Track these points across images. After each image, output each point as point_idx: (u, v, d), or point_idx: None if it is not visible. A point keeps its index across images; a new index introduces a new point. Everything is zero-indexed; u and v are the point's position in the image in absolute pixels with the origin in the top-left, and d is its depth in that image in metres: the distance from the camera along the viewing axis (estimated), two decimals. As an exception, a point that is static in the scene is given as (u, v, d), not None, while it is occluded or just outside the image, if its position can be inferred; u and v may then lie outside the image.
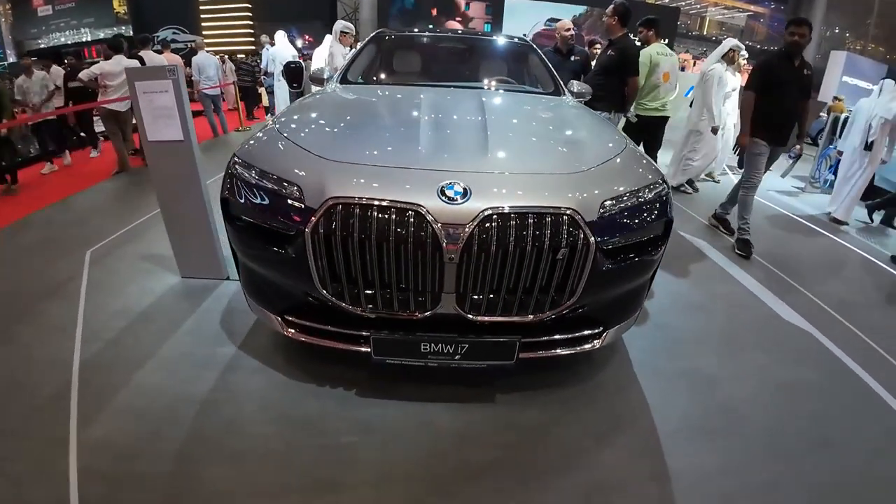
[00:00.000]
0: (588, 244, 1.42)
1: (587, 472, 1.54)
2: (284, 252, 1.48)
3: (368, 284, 1.46)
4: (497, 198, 1.40)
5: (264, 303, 1.73)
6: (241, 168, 1.62)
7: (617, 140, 1.94)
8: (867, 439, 1.79)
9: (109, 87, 4.38)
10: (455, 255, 1.36)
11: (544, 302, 1.51)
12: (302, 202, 1.43)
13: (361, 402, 1.75)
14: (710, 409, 1.86)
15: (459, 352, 1.56)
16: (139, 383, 1.81)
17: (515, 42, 3.29)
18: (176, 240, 2.49)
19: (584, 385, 1.91)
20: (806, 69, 3.14)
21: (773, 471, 1.59)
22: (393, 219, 1.36)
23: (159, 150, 2.26)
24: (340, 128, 1.82)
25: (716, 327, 2.44)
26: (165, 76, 2.10)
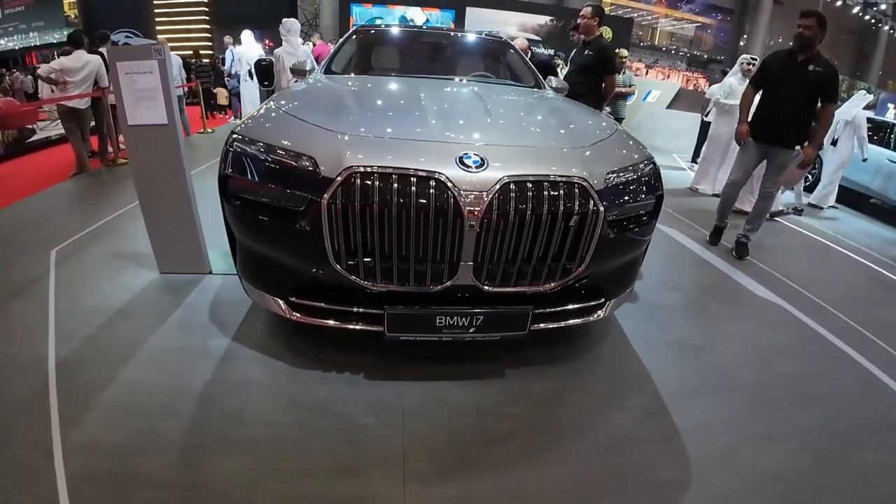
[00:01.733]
0: (597, 212, 1.48)
1: (602, 432, 1.59)
2: (295, 227, 1.43)
3: (385, 257, 1.44)
4: (512, 167, 1.43)
5: (266, 286, 1.66)
6: (242, 144, 1.55)
7: (607, 122, 2.05)
8: (845, 391, 1.96)
9: (69, 83, 4.08)
10: (475, 222, 1.36)
11: (556, 270, 1.55)
12: (317, 173, 1.39)
13: (373, 384, 1.71)
14: (703, 372, 1.99)
15: (475, 324, 1.56)
16: (127, 379, 1.67)
17: (493, 39, 3.37)
18: (155, 232, 2.34)
19: (586, 357, 1.98)
20: (813, 66, 2.78)
21: (768, 422, 1.72)
22: (413, 187, 1.35)
23: (140, 135, 2.13)
24: (343, 106, 1.79)
25: (694, 303, 2.61)
26: (151, 55, 1.99)
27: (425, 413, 1.60)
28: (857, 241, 4.00)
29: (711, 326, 2.36)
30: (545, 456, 1.47)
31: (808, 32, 2.79)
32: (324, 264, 1.45)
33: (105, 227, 3.08)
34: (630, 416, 1.68)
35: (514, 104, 2.21)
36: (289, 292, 1.60)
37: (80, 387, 1.63)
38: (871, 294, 3.02)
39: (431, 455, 1.44)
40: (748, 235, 3.26)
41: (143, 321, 2.02)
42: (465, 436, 1.52)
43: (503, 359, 1.88)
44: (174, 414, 1.52)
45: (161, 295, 2.24)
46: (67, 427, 1.46)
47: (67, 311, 2.09)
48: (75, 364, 1.75)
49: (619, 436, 1.58)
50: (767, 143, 3.04)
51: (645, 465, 1.47)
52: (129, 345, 1.85)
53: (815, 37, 2.80)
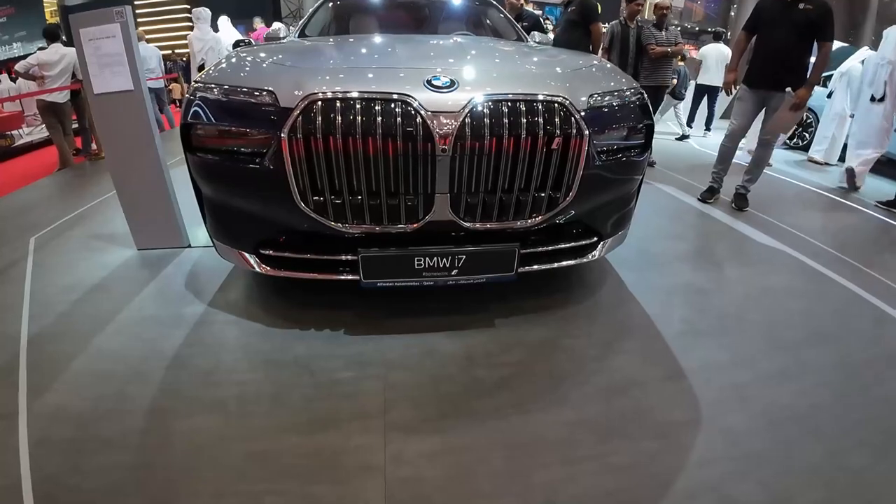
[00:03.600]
0: (581, 134, 1.36)
1: (604, 376, 1.48)
2: (257, 167, 1.33)
3: (353, 192, 1.33)
4: (486, 87, 1.32)
5: (234, 241, 1.57)
6: (202, 91, 1.45)
7: (591, 57, 1.93)
8: (858, 328, 1.84)
9: (48, 77, 4.00)
10: (448, 147, 1.26)
11: (541, 202, 1.44)
12: (276, 105, 1.29)
13: (353, 339, 1.61)
14: (708, 314, 1.88)
15: (456, 265, 1.46)
16: (98, 348, 1.60)
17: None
18: (130, 207, 2.26)
19: (584, 304, 1.88)
20: (803, 4, 2.66)
21: (780, 361, 1.60)
22: (379, 112, 1.24)
23: (107, 104, 2.04)
24: (307, 50, 1.69)
25: (697, 250, 2.50)
26: (113, 19, 1.90)
27: (409, 364, 1.50)
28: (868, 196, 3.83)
29: (715, 271, 2.25)
30: (541, 402, 1.37)
31: None
32: (290, 207, 1.34)
33: (84, 214, 3.01)
34: (633, 358, 1.57)
35: (490, 45, 2.10)
36: (258, 245, 1.51)
37: (49, 358, 1.57)
38: (878, 241, 2.88)
39: (415, 406, 1.34)
40: (747, 186, 3.13)
41: (117, 294, 1.95)
42: (453, 386, 1.42)
43: (492, 308, 1.78)
44: (142, 378, 1.44)
45: (137, 270, 2.17)
46: (34, 397, 1.39)
47: (42, 290, 2.02)
48: (47, 338, 1.69)
49: (621, 378, 1.47)
50: (763, 89, 2.90)
51: (652, 407, 1.37)
52: (101, 317, 1.78)
53: None
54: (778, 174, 4.29)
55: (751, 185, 3.13)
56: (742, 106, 3.04)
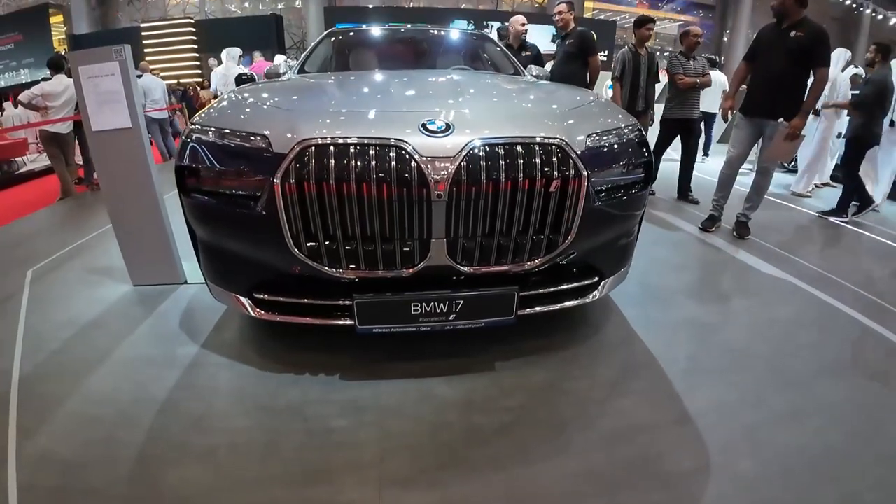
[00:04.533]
0: (580, 175, 1.36)
1: (609, 421, 1.43)
2: (251, 212, 1.32)
3: (348, 239, 1.32)
4: (481, 130, 1.32)
5: (228, 284, 1.55)
6: (197, 133, 1.46)
7: (588, 94, 1.95)
8: (867, 361, 1.80)
9: (51, 108, 4.07)
10: (443, 192, 1.25)
11: (540, 245, 1.42)
12: (269, 150, 1.29)
13: (348, 384, 1.57)
14: (714, 350, 1.84)
15: (454, 310, 1.43)
16: (89, 390, 1.57)
17: (470, 33, 3.33)
18: (126, 243, 2.25)
19: (586, 344, 1.83)
20: (795, 32, 2.67)
21: (790, 399, 1.56)
22: (373, 157, 1.24)
23: (105, 141, 2.06)
24: (305, 91, 1.71)
25: (699, 282, 2.47)
26: (111, 57, 1.93)
27: (407, 411, 1.46)
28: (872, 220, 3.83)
29: (719, 304, 2.22)
30: (543, 450, 1.32)
31: (775, 2, 2.76)
32: (284, 252, 1.33)
33: (83, 246, 3.01)
34: (638, 401, 1.52)
35: (490, 81, 2.12)
36: (252, 288, 1.49)
37: (40, 398, 1.54)
38: (881, 266, 2.86)
39: (413, 456, 1.29)
40: (748, 214, 3.13)
41: (111, 332, 1.92)
42: (452, 433, 1.38)
43: (493, 351, 1.74)
44: (131, 423, 1.40)
45: (132, 306, 2.14)
46: (23, 439, 1.36)
47: (36, 325, 2.00)
48: (39, 376, 1.66)
49: (626, 424, 1.42)
50: (759, 117, 2.91)
51: (658, 455, 1.31)
52: (94, 356, 1.75)
53: (784, 4, 2.71)
54: (777, 198, 4.29)
55: (751, 212, 3.13)
56: (739, 134, 3.07)
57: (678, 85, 3.77)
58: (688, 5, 18.08)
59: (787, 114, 2.76)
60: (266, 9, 15.64)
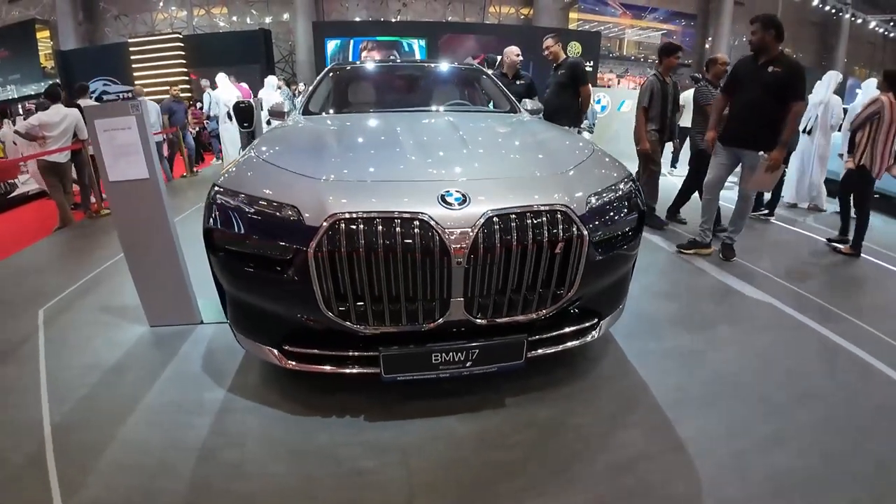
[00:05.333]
0: (582, 236, 1.50)
1: (610, 453, 1.58)
2: (283, 277, 1.43)
3: (375, 300, 1.45)
4: (494, 200, 1.45)
5: (258, 336, 1.65)
6: (224, 196, 1.57)
7: (583, 143, 2.10)
8: (844, 383, 2.00)
9: (49, 137, 4.09)
10: (462, 258, 1.38)
11: (546, 297, 1.57)
12: (301, 222, 1.41)
13: (372, 426, 1.69)
14: (702, 379, 2.00)
15: (470, 358, 1.57)
16: (124, 438, 1.64)
17: (465, 68, 3.48)
18: (143, 286, 2.32)
19: (586, 378, 1.98)
20: (773, 67, 2.82)
21: (774, 425, 1.73)
22: (398, 229, 1.36)
23: (122, 191, 2.14)
24: (322, 150, 1.82)
25: (688, 309, 2.63)
26: (128, 112, 2.01)
27: (428, 450, 1.58)
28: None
29: (706, 331, 2.38)
30: (555, 483, 1.46)
31: (755, 38, 2.88)
32: (315, 311, 1.45)
33: (92, 282, 3.05)
34: (636, 433, 1.68)
35: (490, 131, 2.26)
36: (282, 340, 1.60)
37: (78, 448, 1.60)
38: (859, 283, 3.08)
39: (437, 494, 1.42)
40: (732, 237, 3.31)
41: (136, 377, 1.99)
42: (470, 471, 1.51)
43: (503, 388, 1.87)
44: (171, 471, 1.49)
45: (152, 349, 2.21)
46: (68, 492, 1.43)
47: (59, 371, 2.06)
48: (71, 425, 1.72)
49: (627, 455, 1.57)
50: (737, 147, 3.08)
51: (657, 482, 1.47)
52: (123, 402, 1.82)
53: (763, 40, 2.84)
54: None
55: (735, 235, 3.30)
56: (717, 160, 3.24)
57: (706, 111, 3.59)
58: (670, 15, 18.62)
59: (765, 145, 2.91)
60: (254, 23, 15.60)
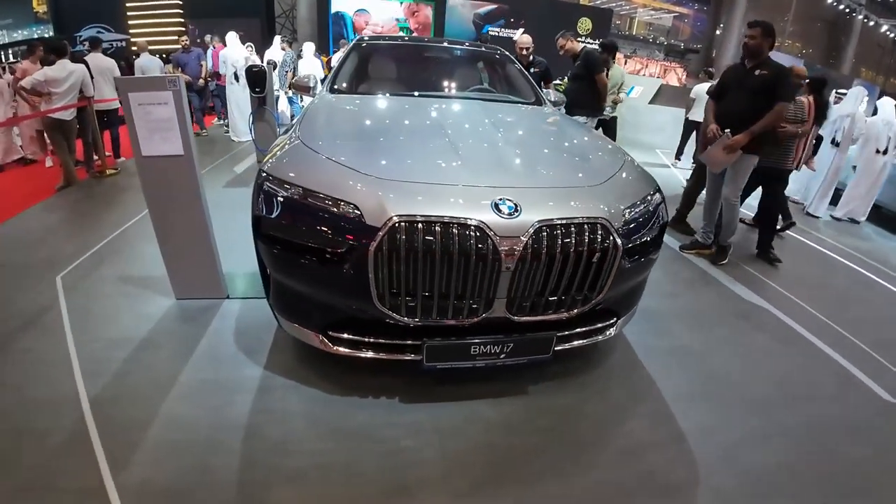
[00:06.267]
0: (617, 247, 1.59)
1: (621, 440, 1.74)
2: (338, 270, 1.49)
3: (426, 297, 1.52)
4: (542, 210, 1.53)
5: (303, 321, 1.72)
6: (276, 186, 1.59)
7: (615, 151, 2.16)
8: (824, 387, 2.18)
9: (55, 94, 3.91)
10: (511, 264, 1.46)
11: (577, 299, 1.67)
12: (362, 221, 1.45)
13: (408, 407, 1.80)
14: (699, 376, 2.17)
15: (505, 350, 1.67)
16: (167, 415, 1.71)
17: (492, 52, 3.42)
18: (171, 260, 2.34)
19: (599, 369, 2.12)
20: (759, 71, 2.90)
21: (760, 422, 1.91)
22: (455, 234, 1.43)
23: (155, 166, 2.12)
24: (370, 142, 1.84)
25: (689, 308, 2.78)
26: (165, 87, 1.97)
27: (459, 432, 1.71)
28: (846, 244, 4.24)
29: (704, 332, 2.53)
30: (574, 466, 1.61)
31: (752, 42, 2.90)
32: (367, 304, 1.52)
33: (108, 249, 3.03)
34: (642, 423, 1.83)
35: (526, 131, 2.29)
36: (328, 326, 1.67)
37: (121, 425, 1.65)
38: (849, 294, 3.26)
39: (469, 474, 1.55)
40: (723, 241, 3.40)
41: (169, 353, 2.04)
42: (499, 452, 1.64)
43: (525, 376, 2.00)
44: (221, 448, 1.58)
45: (182, 324, 2.25)
46: (117, 469, 1.48)
47: (87, 344, 2.08)
48: (110, 401, 1.76)
49: (634, 442, 1.73)
50: None
51: (660, 469, 1.63)
52: (161, 379, 1.87)
53: (761, 45, 2.89)
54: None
55: (727, 239, 3.38)
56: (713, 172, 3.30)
57: (777, 133, 3.28)
58: (684, -3, 18.21)
59: (749, 147, 2.96)
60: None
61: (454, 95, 2.78)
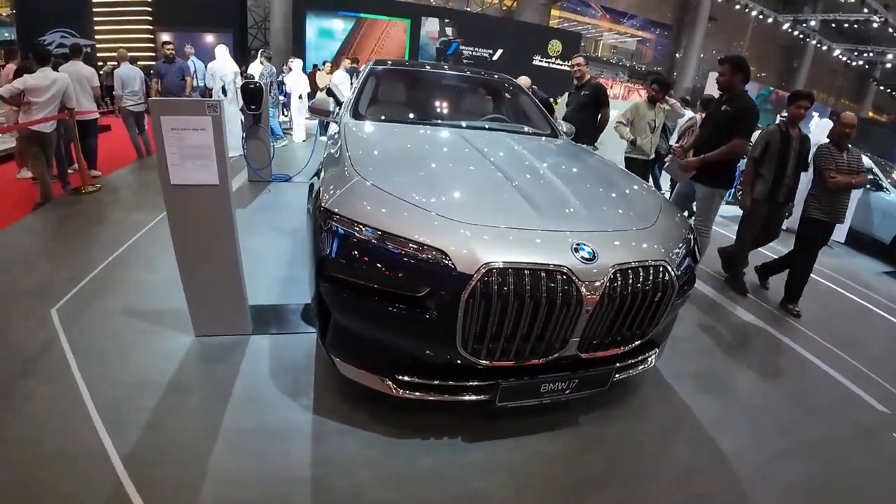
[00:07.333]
0: (674, 286, 1.67)
1: (669, 466, 1.82)
2: (422, 316, 1.46)
3: (507, 339, 1.52)
4: (614, 254, 1.58)
5: (367, 366, 1.66)
6: (346, 226, 1.53)
7: (650, 190, 2.27)
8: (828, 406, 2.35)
9: (34, 104, 3.58)
10: (591, 306, 1.50)
11: (635, 334, 1.73)
12: (452, 268, 1.44)
13: (471, 446, 1.76)
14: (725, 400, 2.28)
15: (570, 386, 1.69)
16: (217, 471, 1.56)
17: (507, 82, 3.49)
18: (194, 293, 2.18)
19: (637, 394, 2.19)
20: (727, 106, 3.04)
21: (786, 441, 2.03)
22: (544, 279, 1.45)
23: (184, 194, 1.97)
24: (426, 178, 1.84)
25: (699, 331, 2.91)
26: (204, 111, 1.85)
27: (525, 468, 1.70)
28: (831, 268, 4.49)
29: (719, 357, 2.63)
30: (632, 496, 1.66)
31: (723, 78, 3.03)
32: (449, 349, 1.49)
33: (104, 277, 2.79)
34: (684, 449, 1.91)
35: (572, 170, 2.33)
36: (396, 371, 1.61)
37: (166, 486, 1.49)
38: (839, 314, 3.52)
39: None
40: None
41: (202, 398, 1.88)
42: (562, 488, 1.65)
43: (573, 407, 2.02)
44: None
45: (209, 364, 2.09)
46: None
47: (103, 388, 1.87)
48: (146, 457, 1.59)
49: (683, 468, 1.81)
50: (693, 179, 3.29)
51: (709, 492, 1.71)
52: (200, 429, 1.72)
53: (730, 80, 2.99)
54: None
55: None
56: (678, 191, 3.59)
57: (828, 183, 3.07)
58: (647, 22, 19.41)
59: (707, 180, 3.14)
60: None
61: (484, 127, 2.82)
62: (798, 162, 3.22)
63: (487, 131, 2.71)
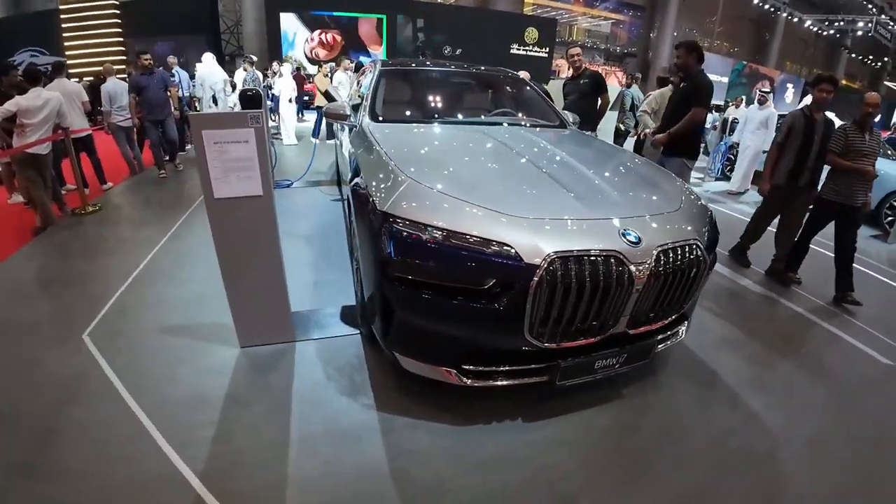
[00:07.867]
0: (706, 262, 1.81)
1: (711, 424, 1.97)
2: (490, 307, 1.54)
3: (567, 322, 1.61)
4: (655, 235, 1.69)
5: (433, 359, 1.73)
6: (409, 228, 1.59)
7: (668, 174, 2.37)
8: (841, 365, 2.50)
9: (28, 126, 3.45)
10: (640, 285, 1.62)
11: (674, 308, 1.86)
12: (520, 259, 1.52)
13: (532, 426, 1.87)
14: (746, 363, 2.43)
15: (620, 361, 1.82)
16: (300, 477, 1.59)
17: (514, 78, 3.57)
18: (239, 305, 2.19)
19: (669, 362, 2.33)
20: (684, 83, 3.30)
21: (819, 423, 2.04)
22: (601, 263, 1.56)
23: (228, 208, 1.98)
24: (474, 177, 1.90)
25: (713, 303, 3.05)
26: (247, 123, 1.86)
27: (585, 441, 1.82)
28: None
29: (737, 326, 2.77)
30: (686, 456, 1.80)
31: (679, 61, 3.26)
32: (517, 336, 1.58)
33: (129, 298, 2.74)
34: (721, 409, 2.06)
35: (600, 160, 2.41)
36: (461, 361, 1.69)
37: (249, 497, 1.52)
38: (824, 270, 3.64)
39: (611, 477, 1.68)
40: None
41: (264, 408, 1.90)
42: (623, 454, 1.78)
43: (616, 381, 2.13)
44: (381, 501, 1.52)
45: (261, 374, 2.11)
46: None
47: (157, 409, 1.86)
48: (223, 473, 1.59)
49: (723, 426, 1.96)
50: (662, 154, 3.45)
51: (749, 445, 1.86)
52: (268, 438, 1.75)
53: (686, 62, 3.20)
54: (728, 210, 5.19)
55: None
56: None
57: (830, 163, 3.09)
58: (620, 4, 19.65)
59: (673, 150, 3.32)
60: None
61: (501, 122, 2.90)
62: (821, 147, 3.14)
63: (506, 126, 2.79)
